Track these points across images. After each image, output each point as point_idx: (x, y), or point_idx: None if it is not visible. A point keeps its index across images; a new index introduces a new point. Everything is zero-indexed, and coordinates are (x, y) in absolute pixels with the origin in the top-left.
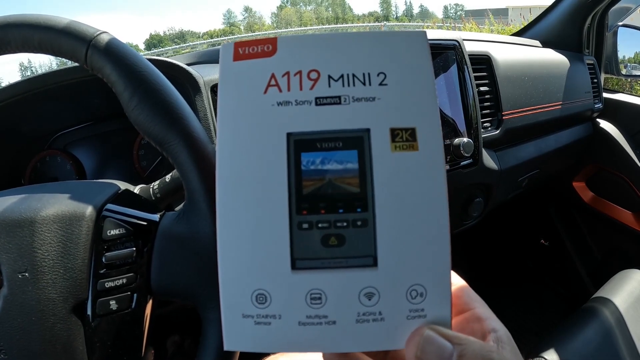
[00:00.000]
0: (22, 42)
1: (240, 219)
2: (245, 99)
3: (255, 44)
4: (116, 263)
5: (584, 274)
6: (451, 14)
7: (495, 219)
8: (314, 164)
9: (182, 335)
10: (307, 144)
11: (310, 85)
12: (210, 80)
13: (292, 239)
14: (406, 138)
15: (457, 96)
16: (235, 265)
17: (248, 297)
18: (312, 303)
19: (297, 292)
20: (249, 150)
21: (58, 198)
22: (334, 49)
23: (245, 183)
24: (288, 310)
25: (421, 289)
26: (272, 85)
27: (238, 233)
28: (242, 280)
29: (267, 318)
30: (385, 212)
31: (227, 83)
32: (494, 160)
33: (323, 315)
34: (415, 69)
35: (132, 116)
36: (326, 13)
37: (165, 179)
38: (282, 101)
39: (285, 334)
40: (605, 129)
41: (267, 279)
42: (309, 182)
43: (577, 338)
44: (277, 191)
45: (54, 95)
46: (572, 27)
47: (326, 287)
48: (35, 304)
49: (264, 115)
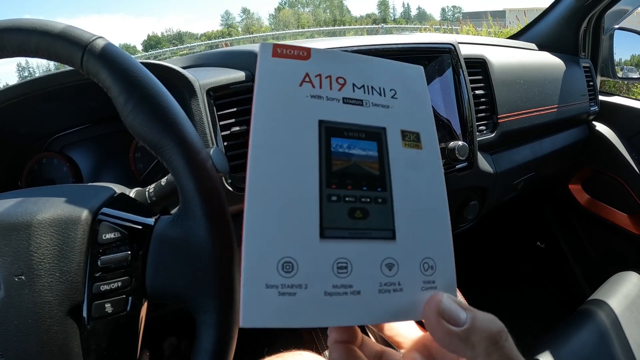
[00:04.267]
0: (18, 47)
1: (270, 187)
2: (282, 87)
3: (291, 48)
4: (111, 266)
5: (580, 276)
6: (449, 16)
7: (492, 221)
8: (342, 148)
9: (179, 338)
10: (336, 131)
11: (339, 87)
12: (206, 83)
13: (322, 209)
14: (413, 139)
15: (453, 99)
16: (262, 233)
17: (274, 265)
18: (338, 272)
19: (325, 261)
20: (283, 127)
21: (54, 202)
22: (358, 65)
23: (278, 155)
24: (315, 279)
25: (432, 262)
26: (306, 81)
27: (267, 201)
28: (268, 248)
29: (292, 288)
30: (399, 193)
31: (265, 73)
32: (489, 163)
33: (348, 284)
34: (417, 92)
35: (127, 121)
36: (324, 15)
37: (161, 182)
38: (315, 95)
39: (310, 306)
40: (601, 131)
41: (295, 247)
42: (337, 161)
43: (572, 340)
44: (309, 165)
45: (51, 97)
46: (568, 30)
47: (352, 256)
48: (32, 307)
49: (299, 102)
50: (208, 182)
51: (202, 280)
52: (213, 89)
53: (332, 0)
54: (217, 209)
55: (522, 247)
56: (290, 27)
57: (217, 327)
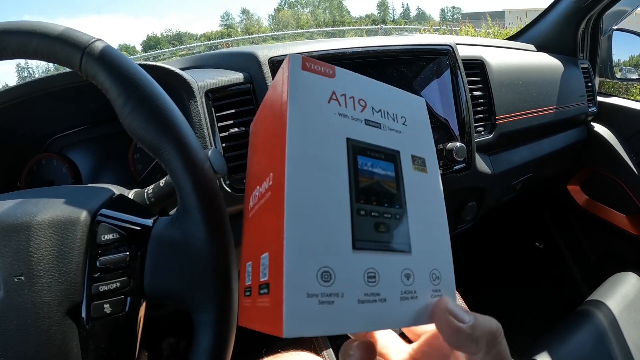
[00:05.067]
0: (17, 49)
1: (308, 199)
2: (314, 101)
3: (318, 64)
4: (110, 267)
5: (578, 277)
6: (448, 17)
7: (491, 222)
8: (367, 166)
9: (178, 338)
10: (361, 150)
11: (361, 109)
12: (204, 85)
13: (353, 222)
14: (420, 163)
15: (450, 101)
16: (302, 244)
17: (314, 275)
18: (369, 281)
19: (357, 271)
20: (316, 141)
21: (53, 203)
22: (375, 89)
23: (313, 168)
24: (350, 287)
25: (438, 273)
26: (333, 99)
27: (306, 212)
28: (309, 259)
29: (330, 297)
30: (411, 211)
31: (297, 86)
32: (487, 164)
33: (377, 293)
34: (421, 120)
35: (125, 123)
36: (323, 16)
37: (160, 183)
38: (342, 113)
39: (345, 313)
40: (600, 132)
41: (332, 257)
42: (363, 178)
43: (571, 340)
44: (341, 180)
45: (51, 98)
46: (567, 31)
47: (378, 267)
48: (31, 307)
49: (329, 118)
50: (206, 183)
51: (200, 281)
52: (211, 90)
53: (332, 1)
54: (215, 210)
55: (521, 247)
56: (289, 27)
57: (215, 327)
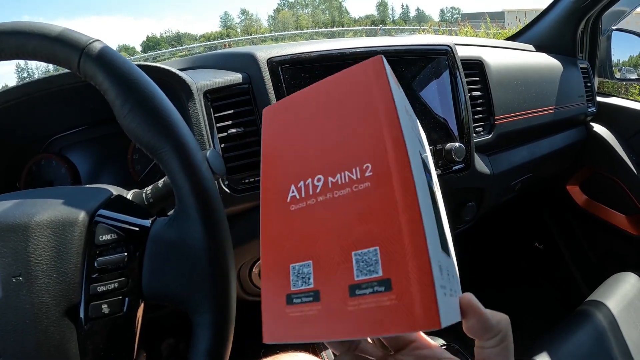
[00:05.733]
0: (16, 50)
1: (421, 197)
2: (400, 106)
3: None
4: (108, 267)
5: (578, 277)
6: (447, 17)
7: (490, 222)
8: (427, 180)
9: (177, 338)
10: (423, 161)
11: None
12: (203, 85)
13: (438, 227)
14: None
15: (449, 101)
16: (430, 238)
17: (438, 268)
18: (449, 278)
19: (452, 268)
20: (410, 142)
21: (52, 203)
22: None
23: (417, 171)
24: (447, 282)
25: (454, 273)
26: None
27: (423, 211)
28: (435, 253)
29: (445, 289)
30: (440, 216)
31: (392, 84)
32: (487, 164)
33: (452, 288)
34: None
35: (123, 123)
36: (323, 16)
37: (158, 184)
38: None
39: (452, 305)
40: (599, 132)
41: (438, 253)
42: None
43: (570, 340)
44: (425, 185)
45: (50, 99)
46: (566, 31)
47: (445, 266)
48: (29, 308)
49: (407, 120)
50: (204, 184)
51: (198, 282)
52: (210, 91)
53: (331, 2)
54: (213, 210)
55: (521, 247)
56: (289, 28)
57: (213, 328)
